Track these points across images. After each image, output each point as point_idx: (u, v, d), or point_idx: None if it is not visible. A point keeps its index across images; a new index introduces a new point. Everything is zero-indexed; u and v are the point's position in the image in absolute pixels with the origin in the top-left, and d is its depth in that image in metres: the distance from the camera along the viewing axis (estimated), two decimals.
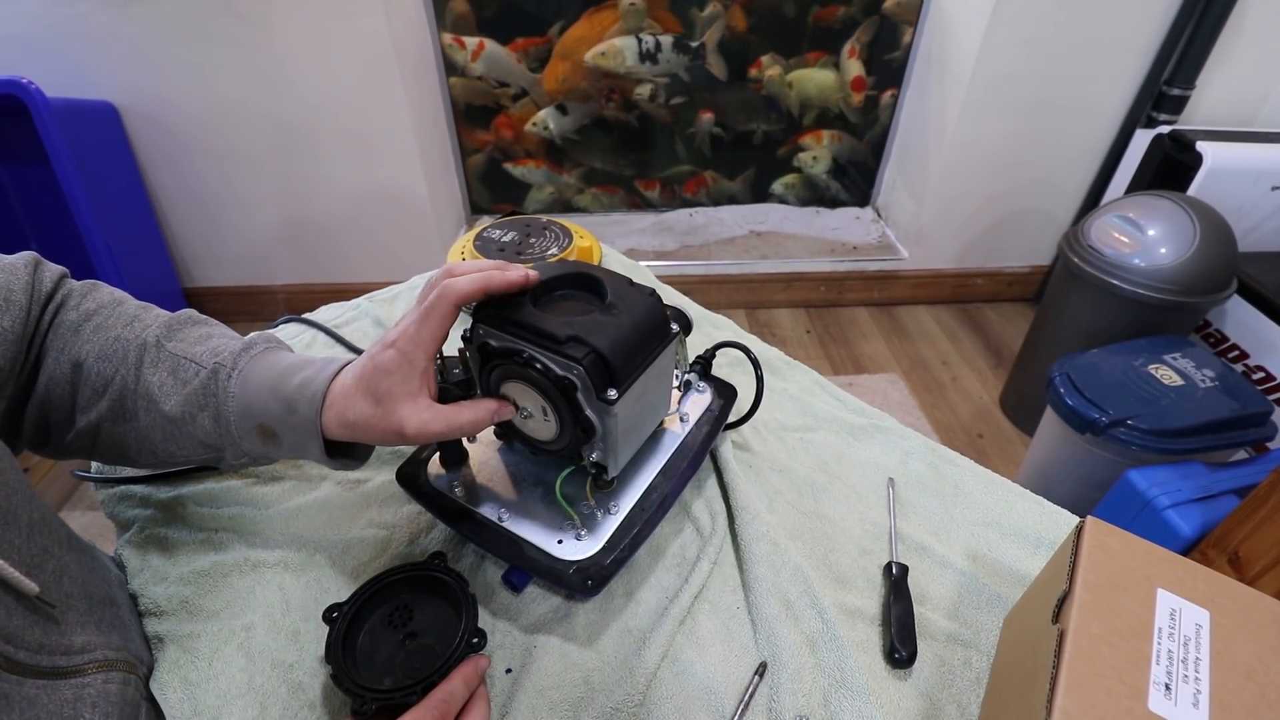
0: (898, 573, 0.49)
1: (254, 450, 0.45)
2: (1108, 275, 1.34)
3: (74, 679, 0.37)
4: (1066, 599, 0.36)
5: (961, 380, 1.79)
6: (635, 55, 1.80)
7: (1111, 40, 1.60)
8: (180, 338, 0.46)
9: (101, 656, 0.39)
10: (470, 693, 0.39)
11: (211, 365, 0.44)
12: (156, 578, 0.49)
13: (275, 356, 0.46)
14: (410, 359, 0.42)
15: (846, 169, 2.11)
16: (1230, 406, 1.12)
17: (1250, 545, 0.90)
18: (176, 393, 0.44)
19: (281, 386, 0.44)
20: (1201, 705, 0.32)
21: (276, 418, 0.43)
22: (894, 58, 1.90)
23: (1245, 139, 1.54)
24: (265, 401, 0.43)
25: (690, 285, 1.95)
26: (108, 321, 0.46)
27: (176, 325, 0.47)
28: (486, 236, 0.78)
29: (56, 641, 0.37)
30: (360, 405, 0.42)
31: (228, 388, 0.44)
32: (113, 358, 0.44)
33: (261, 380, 0.44)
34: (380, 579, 0.43)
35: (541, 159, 2.01)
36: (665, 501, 0.49)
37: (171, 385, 0.44)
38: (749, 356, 0.59)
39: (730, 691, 0.43)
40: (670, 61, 1.83)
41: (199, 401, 0.44)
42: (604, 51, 1.80)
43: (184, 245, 1.84)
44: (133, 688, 0.40)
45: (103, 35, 1.48)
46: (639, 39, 1.79)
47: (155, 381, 0.44)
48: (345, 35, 1.51)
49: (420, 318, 0.42)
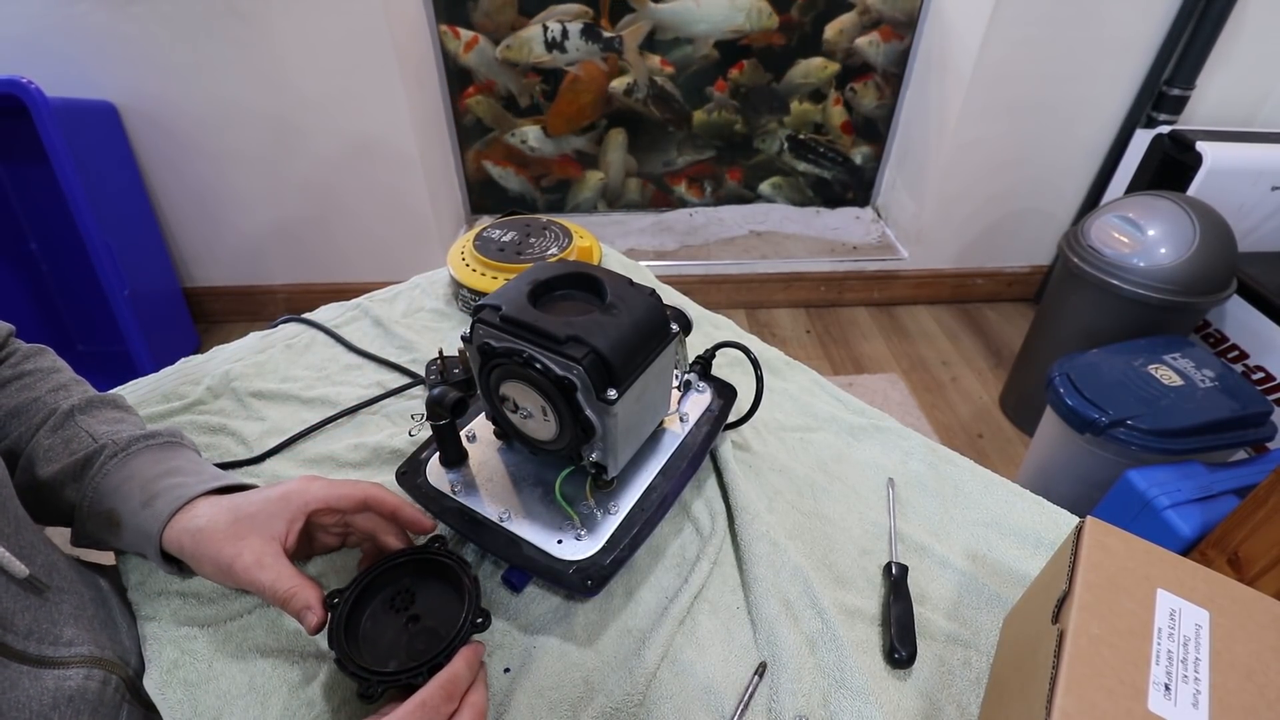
0: (897, 573, 0.49)
1: (96, 535, 0.45)
2: (1108, 275, 1.33)
3: (57, 670, 0.37)
4: (1066, 599, 0.36)
5: (961, 380, 1.79)
6: (542, 44, 1.78)
7: (1111, 40, 1.60)
8: (94, 415, 0.47)
9: (87, 652, 0.40)
10: (474, 676, 0.39)
11: (101, 444, 0.45)
12: (155, 579, 0.49)
13: (169, 461, 0.46)
14: (288, 499, 0.43)
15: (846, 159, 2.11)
16: (1230, 406, 1.12)
17: (1250, 545, 0.90)
18: (58, 460, 0.44)
19: (153, 484, 0.44)
20: (1201, 705, 0.32)
21: (129, 508, 0.43)
22: (879, 110, 1.93)
23: (1245, 139, 1.54)
24: (130, 489, 0.44)
25: (690, 285, 1.95)
26: (36, 384, 0.47)
27: (98, 403, 0.48)
28: (486, 236, 0.78)
29: (47, 629, 0.37)
30: (219, 517, 0.42)
31: (105, 466, 0.44)
32: (22, 416, 0.45)
33: (138, 470, 0.45)
34: (381, 564, 0.43)
35: (520, 167, 2.02)
36: (665, 501, 0.49)
37: (59, 452, 0.45)
38: (749, 356, 0.59)
39: (730, 691, 0.43)
40: (580, 49, 1.80)
41: (72, 473, 0.44)
42: (510, 44, 1.78)
43: (184, 245, 1.84)
44: (113, 688, 0.41)
45: (103, 35, 1.48)
46: (545, 27, 1.76)
47: (45, 444, 0.45)
48: (345, 35, 1.51)
49: (329, 482, 0.44)
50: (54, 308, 1.72)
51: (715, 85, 1.91)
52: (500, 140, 1.95)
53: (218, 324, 1.97)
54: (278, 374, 0.69)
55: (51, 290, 1.70)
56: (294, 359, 0.71)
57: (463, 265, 0.75)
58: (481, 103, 1.88)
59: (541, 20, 1.76)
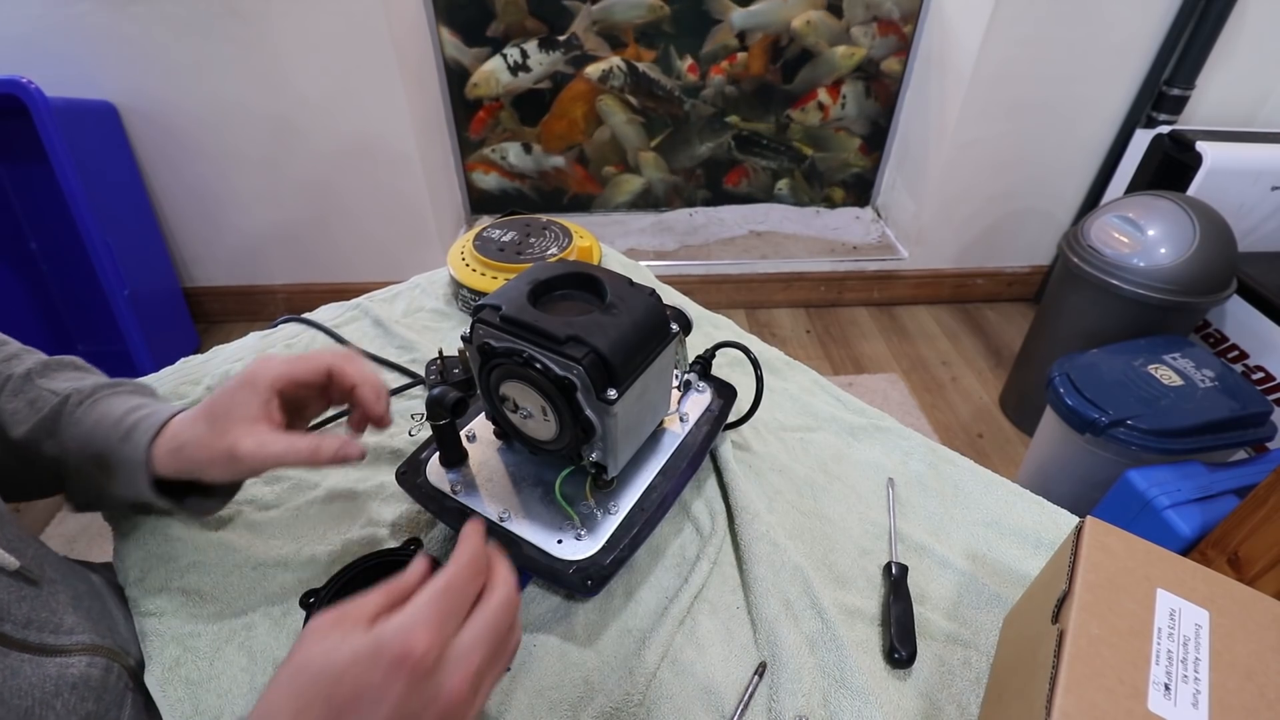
0: (897, 573, 0.49)
1: (92, 485, 0.44)
2: (1108, 275, 1.34)
3: (59, 658, 0.37)
4: (1066, 599, 0.36)
5: (961, 380, 1.79)
6: (506, 72, 1.82)
7: (1111, 40, 1.60)
8: (52, 376, 0.46)
9: (88, 640, 0.39)
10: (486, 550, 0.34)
11: (65, 394, 0.44)
12: (157, 578, 0.49)
13: (136, 398, 0.46)
14: (252, 383, 0.42)
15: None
16: (1230, 406, 1.12)
17: (1250, 545, 0.90)
18: (28, 420, 0.44)
19: (126, 418, 0.43)
20: (1201, 705, 0.32)
21: (110, 447, 0.43)
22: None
23: (1245, 139, 1.54)
24: (105, 429, 0.43)
25: (690, 285, 1.95)
26: None
27: (54, 366, 0.47)
28: (486, 236, 0.78)
29: (45, 618, 0.37)
30: (196, 426, 0.42)
31: (74, 413, 0.44)
32: None
33: (108, 411, 0.44)
34: (356, 565, 0.43)
35: (505, 172, 2.03)
36: (665, 501, 0.49)
37: (26, 413, 0.44)
38: (749, 356, 0.59)
39: (730, 691, 0.43)
40: (544, 63, 1.83)
41: (45, 428, 0.43)
42: (476, 82, 1.83)
43: (184, 245, 1.84)
44: (115, 675, 0.40)
45: (103, 35, 1.48)
46: (504, 55, 1.80)
47: (9, 409, 0.44)
48: (345, 35, 1.51)
49: (286, 358, 0.43)
50: (54, 308, 1.72)
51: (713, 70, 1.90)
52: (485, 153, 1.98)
53: (218, 324, 1.97)
54: None
55: (51, 290, 1.70)
56: None
57: (463, 265, 0.75)
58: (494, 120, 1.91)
59: (500, 51, 1.80)
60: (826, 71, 1.91)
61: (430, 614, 0.29)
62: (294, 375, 0.43)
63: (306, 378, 0.43)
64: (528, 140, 1.97)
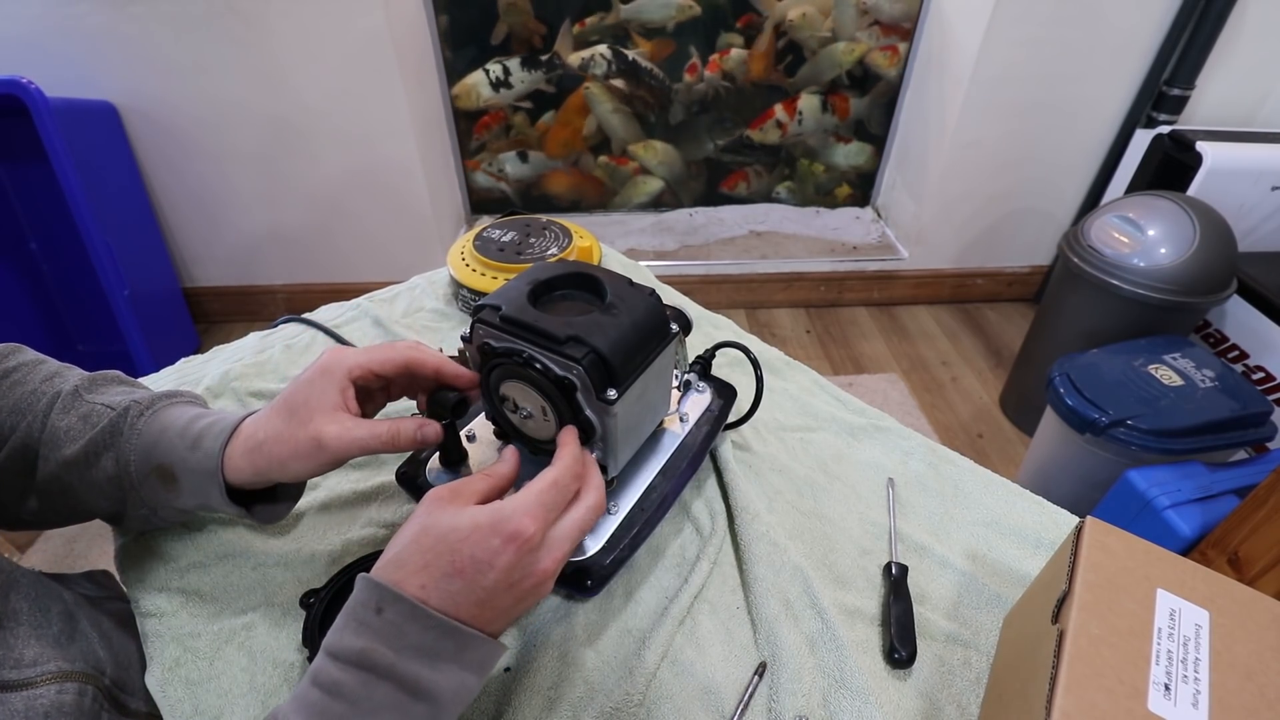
0: (897, 573, 0.49)
1: (153, 498, 0.43)
2: (1108, 275, 1.34)
3: (24, 691, 0.37)
4: (1066, 599, 0.36)
5: (961, 380, 1.79)
6: (489, 87, 1.84)
7: (1111, 40, 1.60)
8: (100, 390, 0.46)
9: (55, 669, 0.39)
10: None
11: (123, 406, 0.44)
12: (157, 578, 0.49)
13: (195, 408, 0.46)
14: (329, 372, 0.41)
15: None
16: (1230, 406, 1.12)
17: (1250, 545, 0.90)
18: (82, 435, 0.43)
19: (191, 426, 0.43)
20: (1201, 705, 0.32)
21: (178, 456, 0.42)
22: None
23: (1245, 139, 1.54)
24: (170, 439, 0.42)
25: (690, 285, 1.95)
26: (26, 378, 0.45)
27: (100, 380, 0.47)
28: (486, 236, 0.78)
29: (4, 655, 0.37)
30: (273, 422, 0.41)
31: (135, 425, 0.43)
32: (23, 410, 0.44)
33: (171, 421, 0.43)
34: (356, 565, 0.43)
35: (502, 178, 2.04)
36: (665, 501, 0.49)
37: (79, 429, 0.43)
38: (749, 356, 0.59)
39: (730, 691, 0.43)
40: (525, 80, 1.85)
41: (103, 441, 0.42)
42: (458, 94, 1.84)
43: (184, 245, 1.84)
44: (89, 698, 0.40)
45: (103, 35, 1.48)
46: (486, 70, 1.82)
47: (63, 426, 0.43)
48: (345, 35, 1.51)
49: (360, 349, 0.43)
50: (54, 308, 1.72)
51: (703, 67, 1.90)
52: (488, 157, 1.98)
53: (217, 324, 1.97)
54: (278, 374, 0.69)
55: (51, 290, 1.70)
56: (294, 359, 0.71)
57: (463, 265, 0.75)
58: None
59: (483, 65, 1.82)
60: (828, 68, 1.91)
61: (540, 502, 0.35)
62: (370, 365, 0.43)
63: (382, 369, 0.43)
64: (529, 148, 1.97)
